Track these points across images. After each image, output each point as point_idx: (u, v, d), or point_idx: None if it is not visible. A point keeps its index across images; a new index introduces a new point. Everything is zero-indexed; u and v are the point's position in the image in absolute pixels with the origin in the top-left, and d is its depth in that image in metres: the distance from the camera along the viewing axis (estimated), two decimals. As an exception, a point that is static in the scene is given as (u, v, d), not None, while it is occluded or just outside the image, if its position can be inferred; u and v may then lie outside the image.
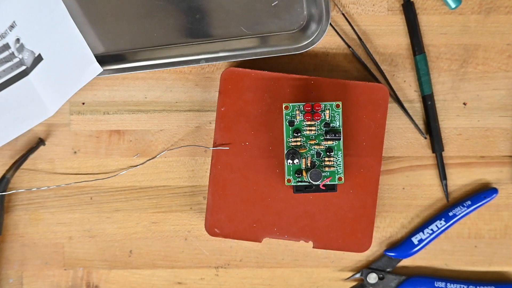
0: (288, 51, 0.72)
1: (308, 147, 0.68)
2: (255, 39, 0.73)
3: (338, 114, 0.68)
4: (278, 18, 0.73)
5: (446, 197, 0.75)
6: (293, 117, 0.68)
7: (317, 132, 0.68)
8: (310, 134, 0.68)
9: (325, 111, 0.68)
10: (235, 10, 0.72)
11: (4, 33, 0.71)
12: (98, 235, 0.75)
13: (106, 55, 0.72)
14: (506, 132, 0.75)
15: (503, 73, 0.74)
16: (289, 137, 0.68)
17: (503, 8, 0.74)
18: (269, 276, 0.75)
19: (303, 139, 0.68)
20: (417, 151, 0.75)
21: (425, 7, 0.74)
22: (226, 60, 0.72)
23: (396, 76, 0.74)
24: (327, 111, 0.68)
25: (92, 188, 0.75)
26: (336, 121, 0.68)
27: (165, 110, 0.75)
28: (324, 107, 0.68)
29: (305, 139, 0.68)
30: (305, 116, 0.68)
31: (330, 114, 0.68)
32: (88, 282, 0.75)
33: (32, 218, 0.75)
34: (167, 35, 0.73)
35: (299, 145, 0.68)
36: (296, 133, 0.68)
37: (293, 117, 0.68)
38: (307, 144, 0.68)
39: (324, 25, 0.72)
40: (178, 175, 0.75)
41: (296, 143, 0.68)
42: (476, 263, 0.75)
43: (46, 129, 0.74)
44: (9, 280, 0.75)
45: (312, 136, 0.68)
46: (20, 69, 0.72)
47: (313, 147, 0.68)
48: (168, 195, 0.75)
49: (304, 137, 0.68)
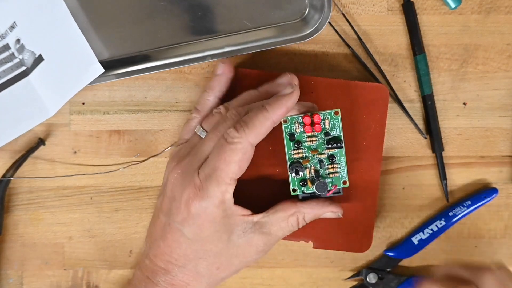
0: (293, 41, 0.72)
1: (310, 157, 0.68)
2: (258, 31, 0.73)
3: (338, 121, 0.68)
4: (280, 8, 0.73)
5: (446, 197, 0.75)
6: (292, 130, 0.68)
7: (319, 142, 0.68)
8: (312, 144, 0.68)
9: (325, 120, 0.68)
10: (236, 4, 0.72)
11: (4, 34, 0.71)
12: (98, 235, 0.75)
13: (111, 60, 0.72)
14: (506, 132, 0.75)
15: (503, 73, 0.74)
16: (291, 149, 0.68)
17: (503, 8, 0.74)
18: (269, 276, 0.76)
19: (305, 149, 0.68)
20: (417, 151, 0.75)
21: (425, 7, 0.74)
22: (231, 55, 0.72)
23: (396, 76, 0.74)
24: (327, 120, 0.68)
25: (92, 188, 0.75)
26: (336, 128, 0.68)
27: (165, 110, 0.74)
28: (323, 116, 0.68)
29: (306, 150, 0.68)
30: (304, 128, 0.68)
31: (329, 122, 0.68)
32: (88, 282, 0.75)
33: (32, 218, 0.75)
34: (171, 35, 0.73)
35: (302, 156, 0.68)
36: (298, 145, 0.68)
37: (292, 130, 0.68)
38: (310, 155, 0.68)
39: (326, 12, 0.71)
40: (178, 175, 0.75)
41: (298, 155, 0.68)
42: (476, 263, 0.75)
43: (46, 129, 0.74)
44: (9, 280, 0.75)
45: (313, 146, 0.68)
46: (21, 69, 0.72)
47: (316, 156, 0.68)
48: (168, 195, 0.75)
49: (306, 147, 0.68)
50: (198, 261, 0.66)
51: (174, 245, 0.65)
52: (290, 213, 0.67)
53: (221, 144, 0.64)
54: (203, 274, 0.66)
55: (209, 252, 0.65)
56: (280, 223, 0.66)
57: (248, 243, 0.66)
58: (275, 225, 0.66)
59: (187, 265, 0.66)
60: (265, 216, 0.66)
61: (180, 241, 0.65)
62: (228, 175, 0.63)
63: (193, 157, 0.66)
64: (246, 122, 0.64)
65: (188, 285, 0.66)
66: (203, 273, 0.66)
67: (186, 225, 0.65)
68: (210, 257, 0.65)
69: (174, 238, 0.65)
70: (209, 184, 0.63)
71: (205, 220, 0.64)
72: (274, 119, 0.64)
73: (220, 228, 0.65)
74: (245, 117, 0.64)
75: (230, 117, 0.66)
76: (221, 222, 0.64)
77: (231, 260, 0.66)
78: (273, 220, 0.66)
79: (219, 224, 0.64)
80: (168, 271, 0.66)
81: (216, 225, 0.64)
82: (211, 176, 0.63)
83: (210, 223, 0.64)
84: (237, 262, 0.66)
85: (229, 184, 0.64)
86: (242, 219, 0.65)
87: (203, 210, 0.64)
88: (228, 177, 0.63)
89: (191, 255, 0.65)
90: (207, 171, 0.64)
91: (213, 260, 0.66)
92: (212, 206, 0.64)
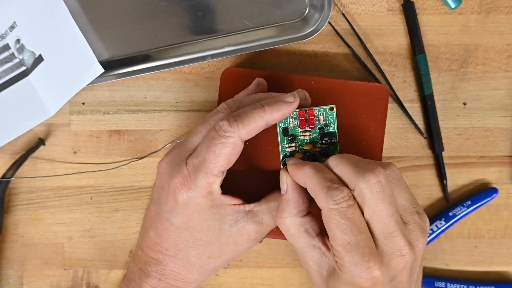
0: (293, 41, 0.72)
1: (304, 152, 0.68)
2: (259, 31, 0.73)
3: (333, 118, 0.68)
4: (280, 8, 0.73)
5: (446, 197, 0.75)
6: (286, 124, 0.68)
7: (313, 136, 0.68)
8: (305, 139, 0.68)
9: (319, 116, 0.68)
10: (236, 4, 0.72)
11: (4, 34, 0.71)
12: (98, 235, 0.75)
13: (111, 60, 0.72)
14: (506, 132, 0.75)
15: (503, 73, 0.74)
16: (284, 142, 0.68)
17: (503, 8, 0.74)
18: (269, 276, 0.76)
19: (299, 143, 0.68)
20: (417, 151, 0.75)
21: (425, 7, 0.74)
22: (232, 54, 0.72)
23: (396, 76, 0.74)
24: (321, 116, 0.68)
25: (92, 188, 0.75)
26: (331, 124, 0.68)
27: (165, 110, 0.75)
28: (318, 112, 0.68)
29: (300, 143, 0.68)
30: (299, 123, 0.68)
31: (324, 118, 0.68)
32: (88, 282, 0.75)
33: (32, 218, 0.75)
34: (171, 35, 0.73)
35: (295, 150, 0.68)
36: (291, 139, 0.68)
37: (287, 124, 0.68)
38: (303, 149, 0.68)
39: (326, 11, 0.72)
40: (178, 175, 0.75)
41: (292, 148, 0.68)
42: (476, 263, 0.75)
43: (46, 129, 0.74)
44: (9, 280, 0.75)
45: (307, 140, 0.68)
46: (20, 69, 0.72)
47: (310, 150, 0.68)
48: (168, 195, 0.75)
49: (300, 141, 0.68)
50: (188, 250, 0.65)
51: (164, 235, 0.65)
52: None
53: (212, 136, 0.63)
54: (194, 264, 0.66)
55: (199, 241, 0.65)
56: (273, 213, 0.66)
57: (240, 232, 0.65)
58: (267, 214, 0.66)
59: (177, 254, 0.66)
60: (258, 205, 0.66)
61: (170, 230, 0.65)
62: (216, 167, 0.63)
63: (182, 147, 0.66)
64: (241, 117, 0.63)
65: (179, 275, 0.66)
66: (194, 262, 0.66)
67: (175, 215, 0.65)
68: (201, 246, 0.65)
69: (164, 227, 0.65)
70: (197, 175, 0.63)
71: (193, 209, 0.64)
72: (269, 120, 0.64)
73: (209, 217, 0.65)
74: (240, 112, 0.64)
75: (220, 110, 0.66)
76: (210, 211, 0.64)
77: (222, 249, 0.66)
78: (265, 209, 0.66)
79: (208, 213, 0.64)
80: (159, 261, 0.66)
81: (204, 214, 0.64)
82: (199, 167, 0.63)
83: (198, 213, 0.64)
84: (229, 250, 0.66)
85: (217, 176, 0.64)
86: (233, 208, 0.65)
87: (190, 199, 0.64)
88: (216, 169, 0.63)
89: (181, 244, 0.65)
90: (196, 162, 0.64)
91: (204, 249, 0.66)
92: (199, 196, 0.64)
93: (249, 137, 0.64)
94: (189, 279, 0.67)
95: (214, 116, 0.66)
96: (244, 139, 0.64)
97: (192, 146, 0.65)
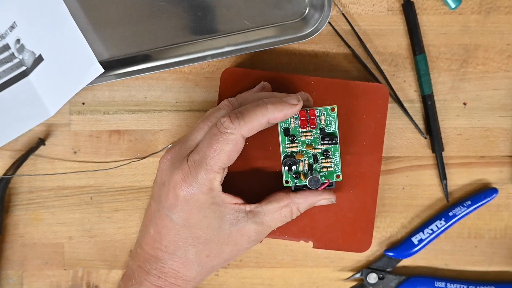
0: (293, 40, 0.72)
1: (304, 152, 0.68)
2: (259, 31, 0.73)
3: (334, 118, 0.68)
4: (280, 8, 0.73)
5: (446, 197, 0.75)
6: (288, 124, 0.68)
7: (314, 137, 0.68)
8: (306, 139, 0.68)
9: (320, 116, 0.68)
10: (236, 4, 0.72)
11: (4, 34, 0.71)
12: (98, 235, 0.75)
13: (111, 60, 0.72)
14: (506, 132, 0.75)
15: (503, 73, 0.74)
16: (285, 143, 0.68)
17: (503, 8, 0.74)
18: (269, 276, 0.76)
19: (299, 144, 0.68)
20: (417, 151, 0.75)
21: (425, 7, 0.74)
22: (232, 54, 0.72)
23: (396, 76, 0.74)
24: (322, 116, 0.68)
25: (92, 188, 0.75)
26: (332, 124, 0.68)
27: (165, 110, 0.75)
28: (319, 112, 0.68)
29: (301, 144, 0.68)
30: (300, 123, 0.67)
31: (325, 119, 0.68)
32: (88, 282, 0.75)
33: (32, 218, 0.75)
34: (171, 35, 0.73)
35: (296, 150, 0.68)
36: (292, 139, 0.68)
37: (288, 124, 0.68)
38: (304, 149, 0.68)
39: (326, 11, 0.72)
40: (178, 175, 0.75)
41: (292, 148, 0.68)
42: (476, 263, 0.75)
43: (46, 129, 0.74)
44: (9, 280, 0.75)
45: (308, 141, 0.68)
46: (20, 69, 0.72)
47: (310, 151, 0.68)
48: (168, 195, 0.75)
49: (300, 142, 0.68)
50: (187, 248, 0.65)
51: (164, 232, 0.65)
52: (284, 204, 0.67)
53: (214, 133, 0.63)
54: (193, 262, 0.66)
55: (198, 239, 0.65)
56: (274, 214, 0.66)
57: (240, 231, 0.65)
58: (268, 215, 0.66)
59: (176, 252, 0.66)
60: (258, 206, 0.66)
61: (169, 227, 0.65)
62: (217, 164, 0.63)
63: (183, 144, 0.66)
64: (243, 114, 0.63)
65: (178, 273, 0.66)
66: (193, 260, 0.66)
67: (175, 211, 0.64)
68: (200, 244, 0.65)
69: (163, 224, 0.65)
70: (198, 171, 0.63)
71: (193, 206, 0.64)
72: (271, 119, 0.64)
73: (209, 214, 0.64)
74: (242, 109, 0.64)
75: (222, 107, 0.66)
76: (210, 209, 0.64)
77: (221, 248, 0.66)
78: (266, 210, 0.66)
79: (208, 210, 0.64)
80: (158, 258, 0.66)
81: (204, 211, 0.64)
82: (200, 164, 0.63)
83: (198, 209, 0.64)
84: (228, 250, 0.66)
85: (218, 172, 0.64)
86: (234, 207, 0.65)
87: (191, 196, 0.64)
88: (217, 166, 0.63)
89: (180, 241, 0.65)
90: (197, 158, 0.64)
91: (203, 247, 0.66)
92: (200, 192, 0.64)
93: (251, 134, 0.64)
94: (188, 277, 0.67)
95: (216, 113, 0.66)
96: (245, 136, 0.64)
97: (194, 142, 0.65)
